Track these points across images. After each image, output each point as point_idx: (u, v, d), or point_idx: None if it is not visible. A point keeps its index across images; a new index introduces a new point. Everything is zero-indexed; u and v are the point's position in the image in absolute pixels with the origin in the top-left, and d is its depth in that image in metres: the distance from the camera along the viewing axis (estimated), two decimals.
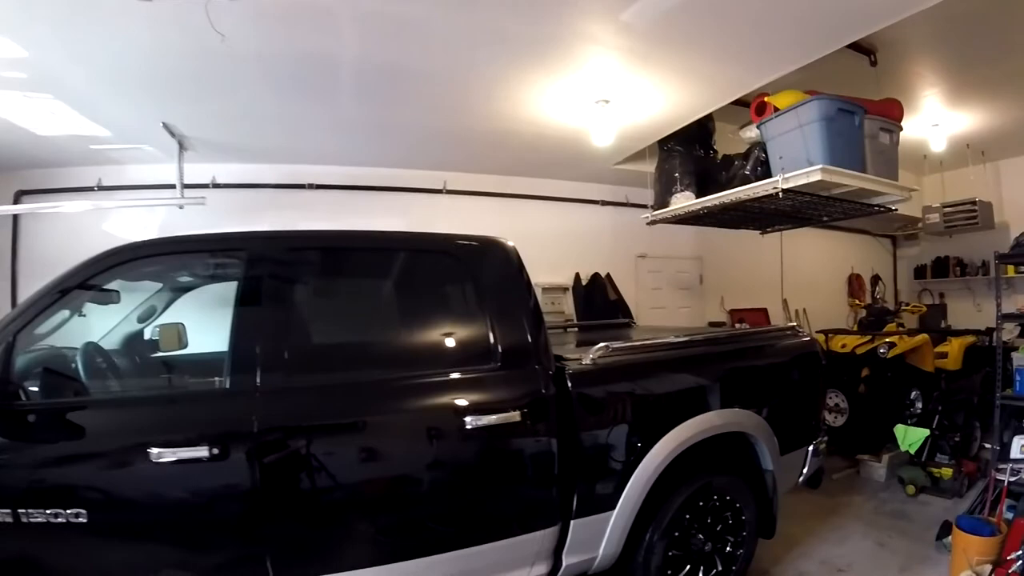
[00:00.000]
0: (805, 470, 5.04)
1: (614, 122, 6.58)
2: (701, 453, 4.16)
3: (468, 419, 3.44)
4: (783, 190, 5.70)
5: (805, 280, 11.39)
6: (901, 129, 6.21)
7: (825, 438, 5.33)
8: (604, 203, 9.64)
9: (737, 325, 9.92)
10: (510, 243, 4.12)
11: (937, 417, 7.71)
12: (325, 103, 6.11)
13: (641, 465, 3.85)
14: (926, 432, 6.65)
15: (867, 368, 7.95)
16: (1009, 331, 10.05)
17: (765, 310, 10.76)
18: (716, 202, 6.54)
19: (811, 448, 5.04)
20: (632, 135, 7.28)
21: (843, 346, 8.21)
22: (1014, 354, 6.07)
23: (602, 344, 3.98)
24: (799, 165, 5.56)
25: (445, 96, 6.08)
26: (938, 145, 8.68)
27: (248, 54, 4.91)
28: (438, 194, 8.66)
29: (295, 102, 6.05)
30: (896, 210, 6.75)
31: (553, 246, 9.08)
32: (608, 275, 9.30)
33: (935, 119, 8.26)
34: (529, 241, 8.32)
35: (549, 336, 3.92)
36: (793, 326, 5.53)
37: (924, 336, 8.25)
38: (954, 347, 8.85)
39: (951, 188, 10.93)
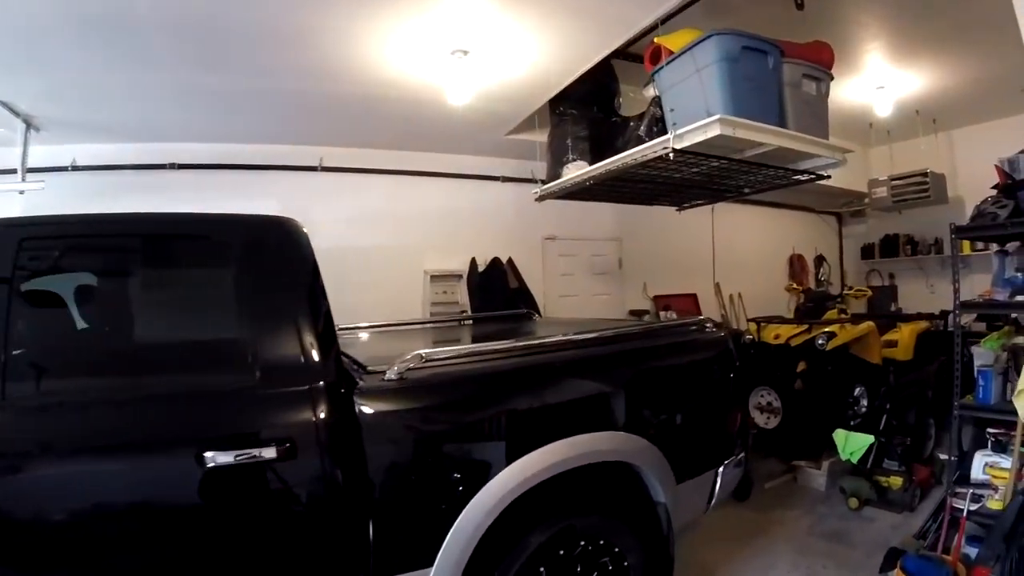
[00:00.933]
0: (715, 496, 4.16)
1: (475, 77, 5.52)
2: (564, 488, 3.32)
3: (208, 455, 2.54)
4: (676, 150, 4.61)
5: (741, 262, 10.41)
6: (831, 78, 5.13)
7: (741, 455, 4.42)
8: (506, 179, 8.50)
9: (663, 313, 8.93)
10: (295, 222, 3.19)
11: (885, 417, 6.89)
12: (152, 69, 5.28)
13: (467, 510, 2.98)
14: (870, 439, 5.86)
15: (804, 362, 7.00)
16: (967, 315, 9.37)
17: (695, 296, 9.72)
18: (602, 171, 5.49)
19: (722, 469, 4.15)
20: (507, 95, 6.25)
21: (776, 337, 7.23)
22: (975, 348, 5.10)
23: (415, 352, 3.02)
24: (697, 118, 4.44)
25: (288, 56, 5.20)
26: (884, 110, 7.99)
27: (55, 15, 4.23)
28: (313, 172, 7.55)
29: (120, 70, 5.22)
30: (829, 177, 5.75)
31: (447, 228, 8.11)
32: (510, 260, 8.23)
33: (880, 80, 7.46)
34: (419, 223, 7.41)
35: (340, 342, 3.10)
36: (701, 320, 4.57)
37: (869, 324, 7.25)
38: (904, 334, 7.88)
39: (900, 160, 10.13)
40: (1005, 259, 5.14)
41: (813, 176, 5.69)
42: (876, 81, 7.51)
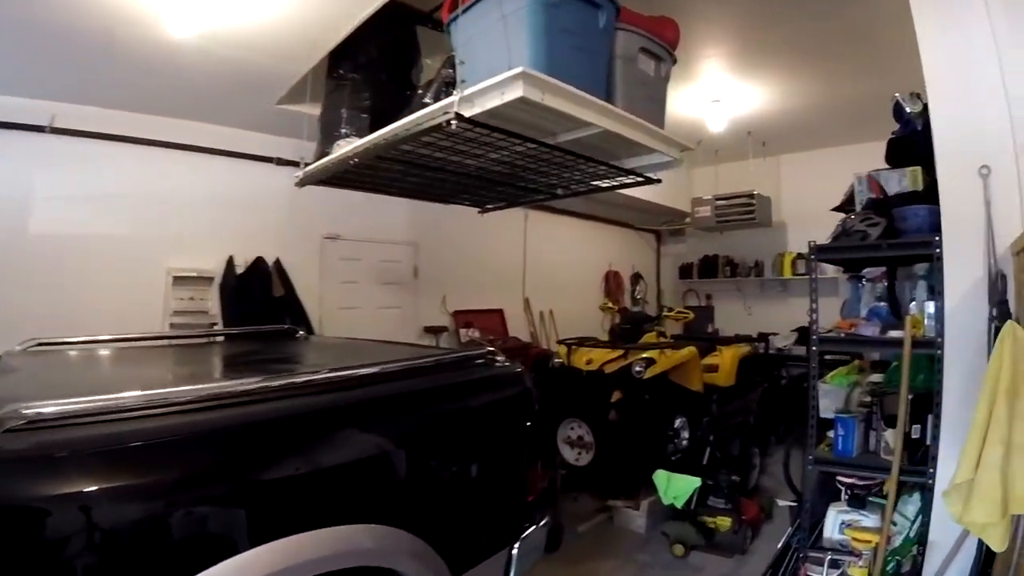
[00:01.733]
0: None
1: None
2: None
3: None
4: (461, 118, 3.33)
5: (554, 276, 9.59)
6: (674, 60, 4.21)
7: (545, 520, 3.34)
8: (280, 161, 6.79)
9: (463, 332, 7.85)
10: None
11: (708, 450, 6.25)
12: None
13: None
14: (696, 482, 5.36)
15: (619, 391, 6.13)
16: (785, 338, 8.90)
17: (501, 312, 8.68)
18: (369, 146, 4.13)
19: (518, 545, 3.10)
20: (263, 44, 4.75)
21: (589, 362, 6.33)
22: (821, 386, 4.37)
23: (10, 408, 1.76)
24: (495, 74, 3.25)
25: None
26: (717, 125, 7.80)
27: None
28: (40, 133, 5.49)
29: None
30: (658, 181, 4.84)
31: (200, 218, 6.39)
32: (278, 262, 6.70)
33: (717, 91, 7.13)
34: (166, 209, 6.13)
35: None
36: (487, 352, 3.43)
37: (691, 349, 6.53)
38: (726, 359, 7.27)
39: (725, 182, 9.90)
40: (860, 287, 4.38)
41: (641, 179, 4.71)
42: (712, 93, 7.11)
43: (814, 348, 4.03)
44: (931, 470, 3.54)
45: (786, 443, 6.78)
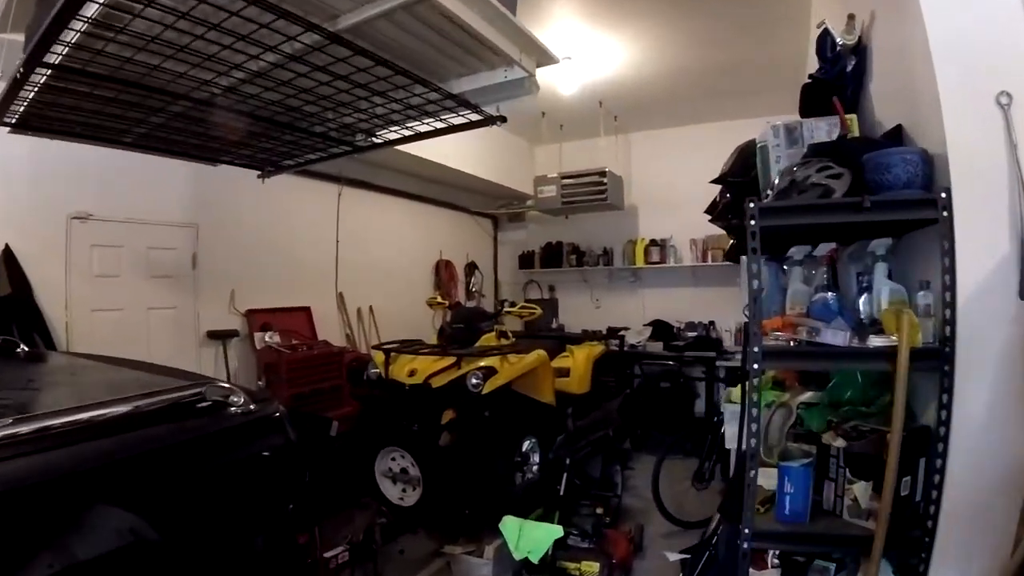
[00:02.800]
0: None
1: None
2: None
3: None
4: None
5: (374, 266, 7.96)
6: None
7: None
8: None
9: (260, 336, 6.23)
10: None
11: (565, 477, 4.95)
12: None
13: None
14: (555, 532, 4.27)
15: (452, 409, 4.84)
16: (639, 333, 7.98)
17: (308, 310, 6.97)
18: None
19: None
20: None
21: (412, 373, 4.93)
22: (728, 407, 3.18)
23: None
24: None
25: None
26: (567, 88, 6.91)
27: None
28: None
29: None
30: (502, 120, 3.65)
31: None
32: (7, 249, 4.81)
33: (569, 46, 6.19)
34: None
35: None
36: (197, 392, 1.84)
37: (540, 354, 5.30)
38: (579, 361, 6.13)
39: (571, 163, 8.75)
40: (782, 274, 3.12)
41: (478, 115, 3.38)
42: (563, 47, 5.92)
43: (755, 365, 2.50)
44: (926, 540, 2.34)
45: (659, 453, 5.65)
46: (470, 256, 9.71)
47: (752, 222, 2.40)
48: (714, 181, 4.70)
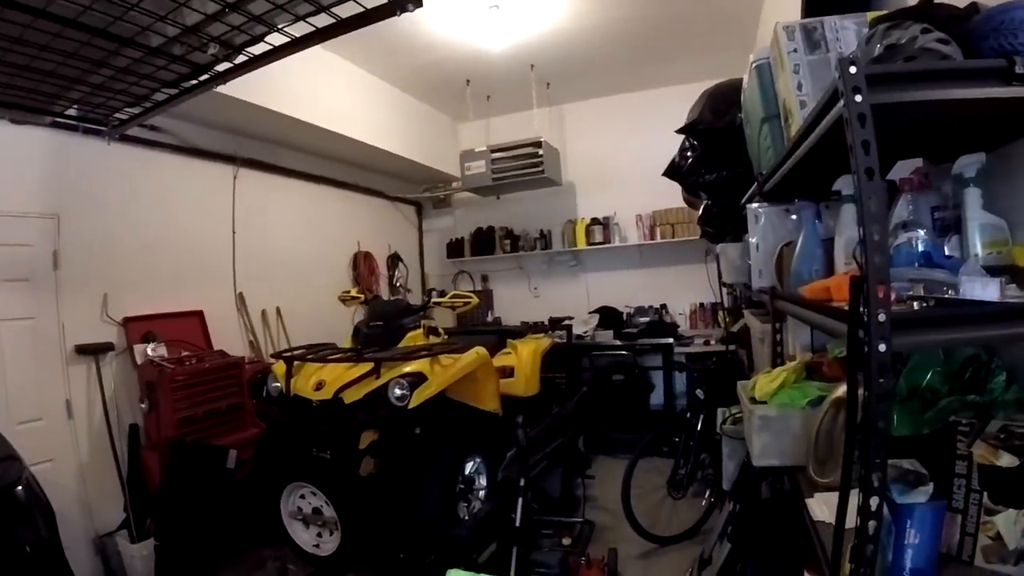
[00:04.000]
0: None
1: None
2: None
3: None
4: None
5: (280, 261, 6.83)
6: None
7: None
8: None
9: (142, 348, 5.05)
10: None
11: (521, 503, 3.97)
12: None
13: None
14: None
15: (372, 429, 3.88)
16: (585, 323, 7.74)
17: (200, 314, 5.83)
18: None
19: None
20: None
21: (319, 386, 3.94)
22: (757, 410, 2.30)
23: None
24: None
25: None
26: (495, 43, 6.16)
27: None
28: None
29: None
30: (416, 5, 2.53)
31: None
32: None
33: None
34: None
35: None
36: None
37: (479, 352, 4.36)
38: (524, 357, 5.31)
39: (501, 139, 7.74)
40: (846, 212, 2.15)
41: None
42: None
43: (881, 346, 1.33)
44: None
45: (631, 459, 4.83)
46: (392, 247, 8.64)
47: (858, 98, 1.40)
48: (681, 130, 4.08)
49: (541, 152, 7.15)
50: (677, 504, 4.82)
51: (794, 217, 2.59)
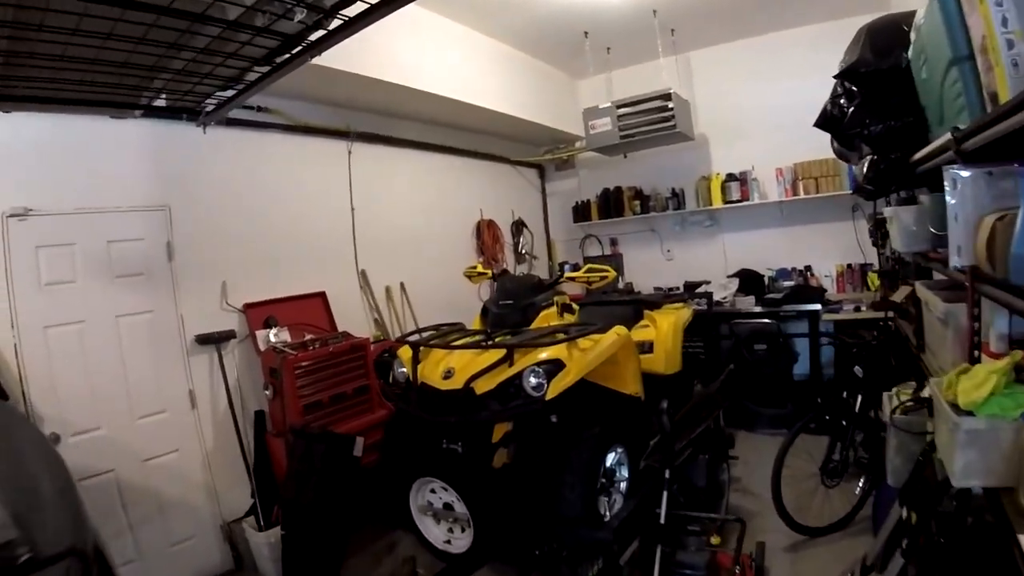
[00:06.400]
0: None
1: None
2: None
3: None
4: None
5: (402, 235, 6.59)
6: None
7: None
8: None
9: (265, 334, 4.95)
10: None
11: (666, 497, 3.64)
12: None
13: None
14: None
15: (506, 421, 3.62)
16: (724, 287, 7.17)
17: (322, 296, 5.55)
18: None
19: None
20: None
21: (448, 374, 3.65)
22: (965, 421, 1.92)
23: None
24: None
25: None
26: None
27: None
28: None
29: None
30: None
31: None
32: None
33: None
34: None
35: None
36: None
37: (620, 333, 3.92)
38: (664, 331, 4.80)
39: (623, 93, 7.24)
40: None
41: None
42: None
43: None
44: None
45: (786, 440, 4.41)
46: (516, 213, 8.35)
47: None
48: (840, 75, 3.61)
49: (671, 105, 6.65)
50: (829, 492, 4.38)
51: (1008, 185, 2.11)
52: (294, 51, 3.10)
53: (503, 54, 6.92)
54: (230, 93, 3.54)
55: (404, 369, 3.95)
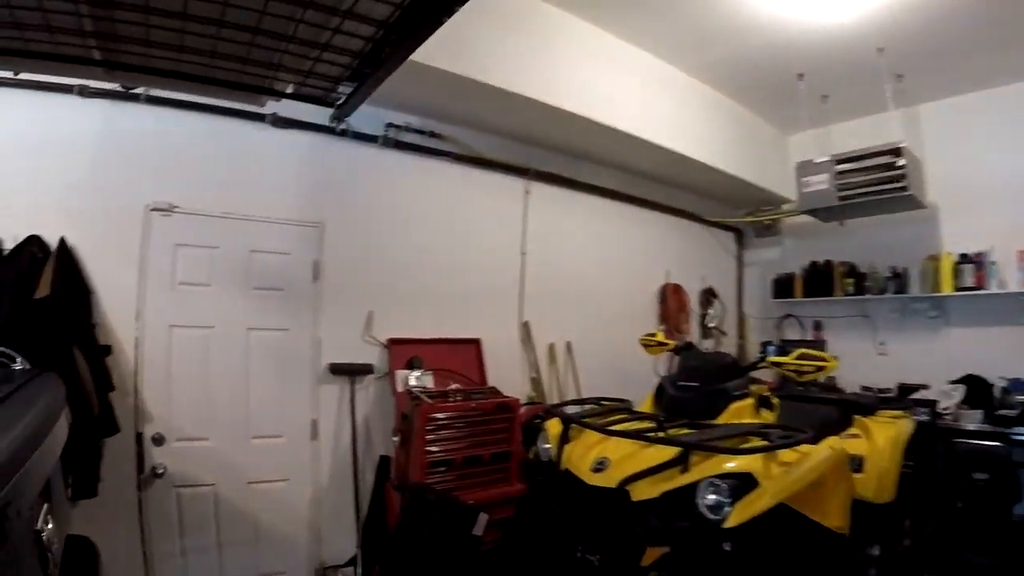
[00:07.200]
0: None
1: None
2: None
3: None
4: None
5: (575, 289, 5.91)
6: None
7: None
8: (86, 91, 3.85)
9: (404, 375, 4.41)
10: None
11: None
12: None
13: None
14: None
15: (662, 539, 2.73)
16: (947, 395, 5.90)
17: (477, 343, 5.01)
18: None
19: None
20: None
21: (599, 466, 2.90)
22: None
23: None
24: None
25: None
26: (841, 14, 4.88)
27: None
28: None
29: None
30: None
31: None
32: (62, 243, 3.71)
33: None
34: None
35: None
36: None
37: (834, 451, 2.95)
38: (880, 446, 3.79)
39: (839, 151, 6.17)
40: None
41: None
42: None
43: None
44: None
45: None
46: (706, 280, 7.47)
47: None
48: None
49: (902, 162, 5.55)
50: None
51: None
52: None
53: (705, 97, 6.20)
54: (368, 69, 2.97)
55: (548, 446, 3.25)
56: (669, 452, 2.73)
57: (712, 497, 2.53)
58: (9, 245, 3.69)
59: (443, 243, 5.04)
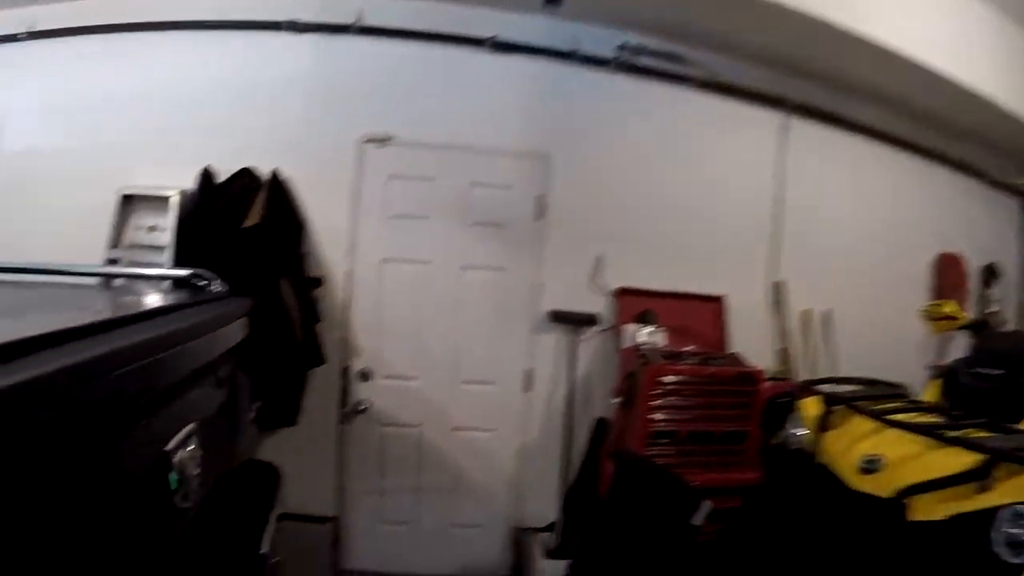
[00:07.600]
0: None
1: None
2: None
3: None
4: None
5: (837, 248, 5.05)
6: None
7: None
8: (301, 27, 4.08)
9: (630, 328, 3.98)
10: None
11: None
12: None
13: None
14: None
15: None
16: None
17: (719, 302, 4.48)
18: None
19: None
20: None
21: (868, 466, 2.31)
22: None
23: None
24: None
25: None
26: None
27: None
28: (15, 43, 4.15)
29: None
30: None
31: (176, 120, 4.10)
32: (274, 176, 3.91)
33: None
34: (132, 112, 4.12)
35: None
36: None
37: None
38: None
39: None
40: None
41: None
42: None
43: None
44: None
45: None
46: (987, 253, 6.32)
47: None
48: None
49: None
50: None
51: None
52: None
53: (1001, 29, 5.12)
54: None
55: (803, 431, 2.69)
56: (965, 458, 2.08)
57: (1017, 531, 1.88)
58: (222, 179, 3.89)
59: (683, 183, 4.54)
